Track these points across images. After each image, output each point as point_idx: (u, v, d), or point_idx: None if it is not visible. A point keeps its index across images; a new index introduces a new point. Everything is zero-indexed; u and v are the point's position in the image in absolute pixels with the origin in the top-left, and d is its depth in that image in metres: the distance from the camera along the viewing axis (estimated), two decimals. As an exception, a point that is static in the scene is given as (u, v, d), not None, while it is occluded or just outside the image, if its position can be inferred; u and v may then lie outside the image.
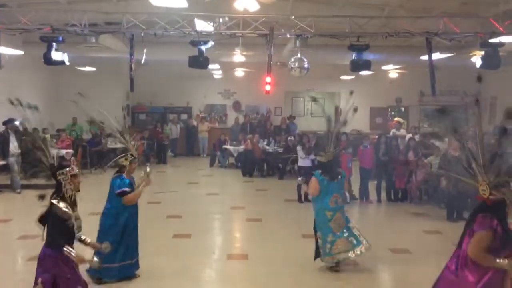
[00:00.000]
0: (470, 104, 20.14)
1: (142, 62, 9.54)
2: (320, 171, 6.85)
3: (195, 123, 20.02)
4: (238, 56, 13.12)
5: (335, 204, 6.71)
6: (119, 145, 7.38)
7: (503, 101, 17.09)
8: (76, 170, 4.56)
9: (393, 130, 16.59)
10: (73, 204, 4.48)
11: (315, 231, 6.88)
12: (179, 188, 13.19)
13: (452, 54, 12.17)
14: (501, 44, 7.92)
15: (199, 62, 9.18)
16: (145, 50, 9.11)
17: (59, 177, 4.45)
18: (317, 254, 6.87)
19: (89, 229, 8.84)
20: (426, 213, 10.45)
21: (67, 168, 4.49)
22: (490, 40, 7.91)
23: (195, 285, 6.41)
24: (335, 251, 6.63)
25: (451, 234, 8.81)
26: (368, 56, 9.09)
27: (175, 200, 11.53)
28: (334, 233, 6.62)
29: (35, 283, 4.33)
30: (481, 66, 8.20)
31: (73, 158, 5.90)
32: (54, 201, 4.35)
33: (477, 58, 9.45)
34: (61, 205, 4.34)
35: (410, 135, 15.07)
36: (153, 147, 17.88)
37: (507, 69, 11.30)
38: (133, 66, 9.05)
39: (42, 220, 4.43)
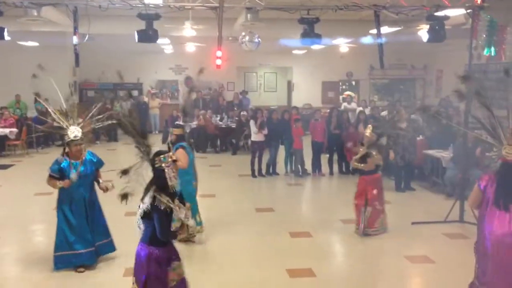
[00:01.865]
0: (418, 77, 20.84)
1: (87, 36, 9.17)
2: (186, 143, 6.99)
3: (146, 99, 19.63)
4: (188, 30, 12.85)
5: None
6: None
7: (449, 74, 17.65)
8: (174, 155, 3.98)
9: (344, 104, 16.91)
10: (174, 195, 3.88)
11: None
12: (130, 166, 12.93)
13: (400, 28, 12.38)
14: (446, 17, 8.11)
15: (148, 36, 8.90)
16: (89, 24, 8.74)
17: (159, 164, 3.88)
18: None
19: (34, 210, 8.64)
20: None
21: (170, 153, 3.94)
22: (436, 14, 8.08)
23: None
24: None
25: (399, 203, 9.17)
26: (319, 30, 9.11)
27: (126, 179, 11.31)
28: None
29: (137, 282, 3.92)
30: (428, 40, 8.39)
31: None
32: (157, 194, 3.81)
33: (423, 32, 9.65)
34: (164, 198, 3.79)
35: (361, 108, 15.41)
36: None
37: (453, 42, 11.64)
38: (77, 40, 8.69)
39: (145, 216, 3.87)
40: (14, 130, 13.97)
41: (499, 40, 7.37)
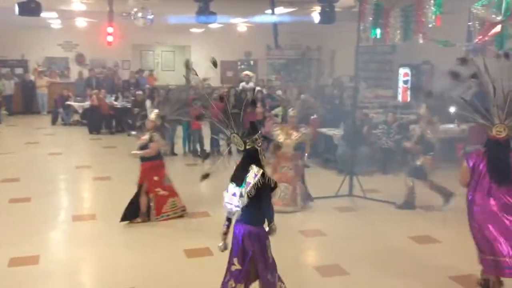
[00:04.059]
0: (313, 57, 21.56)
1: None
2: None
3: (32, 77, 18.27)
4: (77, 3, 12.08)
5: None
6: None
7: (341, 54, 18.44)
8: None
9: (242, 83, 17.03)
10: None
11: None
12: (16, 149, 12.07)
13: (294, 9, 12.65)
14: (336, 0, 8.40)
15: (30, 9, 8.26)
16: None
17: (252, 145, 3.95)
18: None
19: None
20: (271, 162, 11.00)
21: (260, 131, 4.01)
22: (327, -4, 8.36)
23: (39, 249, 5.96)
24: None
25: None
26: (215, 8, 9.02)
27: (12, 163, 10.53)
28: None
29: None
30: (319, 21, 8.65)
31: None
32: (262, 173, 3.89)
33: (315, 13, 9.95)
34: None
35: (259, 87, 15.63)
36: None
37: (344, 24, 12.13)
38: None
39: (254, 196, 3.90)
40: None
41: (384, 23, 7.78)
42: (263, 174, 3.93)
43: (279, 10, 11.43)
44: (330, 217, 7.42)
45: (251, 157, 4.02)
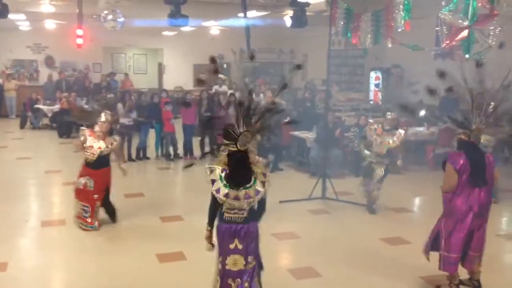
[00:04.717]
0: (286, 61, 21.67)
1: None
2: None
3: (0, 80, 17.83)
4: (46, 5, 11.86)
5: None
6: None
7: (313, 58, 18.59)
8: None
9: (215, 87, 16.99)
10: None
11: None
12: (-17, 154, 11.77)
13: (267, 12, 12.70)
14: (307, 4, 8.47)
15: (-3, 10, 8.08)
16: None
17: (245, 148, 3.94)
18: None
19: None
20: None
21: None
22: (298, 0, 8.40)
23: (7, 256, 5.81)
24: None
25: (267, 183, 9.48)
26: (187, 11, 8.98)
27: (-22, 168, 10.27)
28: None
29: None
30: (291, 25, 8.71)
31: None
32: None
33: (288, 17, 10.01)
34: None
35: (232, 91, 15.61)
36: None
37: (316, 28, 12.24)
38: None
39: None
40: None
41: (354, 27, 7.88)
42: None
43: (252, 13, 11.45)
44: (303, 220, 7.45)
45: (246, 159, 3.99)
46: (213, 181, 4.02)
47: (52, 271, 5.70)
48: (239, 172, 3.98)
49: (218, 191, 3.99)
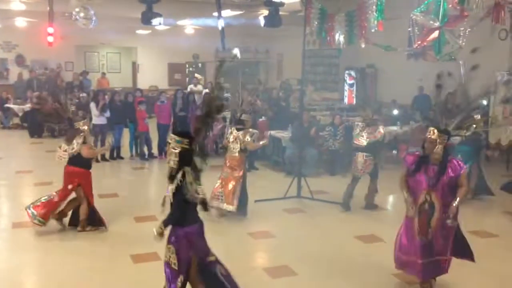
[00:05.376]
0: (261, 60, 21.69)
1: None
2: None
3: (-32, 79, 17.42)
4: (16, 3, 11.61)
5: None
6: None
7: (288, 58, 18.67)
8: None
9: (190, 86, 16.89)
10: None
11: None
12: (-50, 154, 11.45)
13: (242, 12, 12.70)
14: (281, 4, 8.50)
15: (-36, 7, 7.85)
16: None
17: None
18: None
19: None
20: (221, 165, 10.96)
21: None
22: (273, 0, 8.43)
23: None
24: None
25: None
26: (160, 9, 8.90)
27: None
28: None
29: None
30: (265, 24, 8.72)
31: None
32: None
33: (261, 17, 10.03)
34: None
35: (207, 90, 15.54)
36: None
37: (291, 28, 12.29)
38: None
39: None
40: None
41: (329, 27, 7.94)
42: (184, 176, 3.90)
43: (226, 12, 11.42)
44: (278, 219, 7.48)
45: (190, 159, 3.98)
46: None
47: (23, 273, 5.59)
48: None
49: None
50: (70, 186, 6.58)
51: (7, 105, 15.46)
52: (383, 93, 14.35)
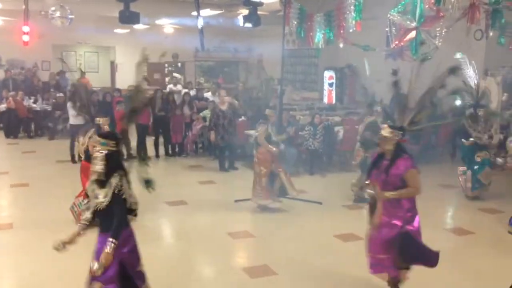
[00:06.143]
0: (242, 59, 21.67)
1: None
2: None
3: None
4: (-9, 1, 11.41)
5: None
6: None
7: (268, 57, 18.65)
8: None
9: (170, 86, 16.79)
10: None
11: None
12: None
13: (221, 11, 12.67)
14: (260, 4, 8.51)
15: None
16: None
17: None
18: None
19: None
20: (201, 165, 10.94)
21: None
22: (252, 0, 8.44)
23: None
24: None
25: (223, 182, 9.49)
26: (138, 8, 8.81)
27: None
28: None
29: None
30: (244, 24, 8.72)
31: None
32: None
33: (240, 16, 10.02)
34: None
35: (186, 90, 15.46)
36: None
37: (271, 27, 12.29)
38: None
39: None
40: None
41: (307, 27, 7.97)
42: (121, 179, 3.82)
43: (206, 12, 11.39)
44: (258, 219, 7.47)
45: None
46: None
47: (1, 276, 5.47)
48: None
49: None
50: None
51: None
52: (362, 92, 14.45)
